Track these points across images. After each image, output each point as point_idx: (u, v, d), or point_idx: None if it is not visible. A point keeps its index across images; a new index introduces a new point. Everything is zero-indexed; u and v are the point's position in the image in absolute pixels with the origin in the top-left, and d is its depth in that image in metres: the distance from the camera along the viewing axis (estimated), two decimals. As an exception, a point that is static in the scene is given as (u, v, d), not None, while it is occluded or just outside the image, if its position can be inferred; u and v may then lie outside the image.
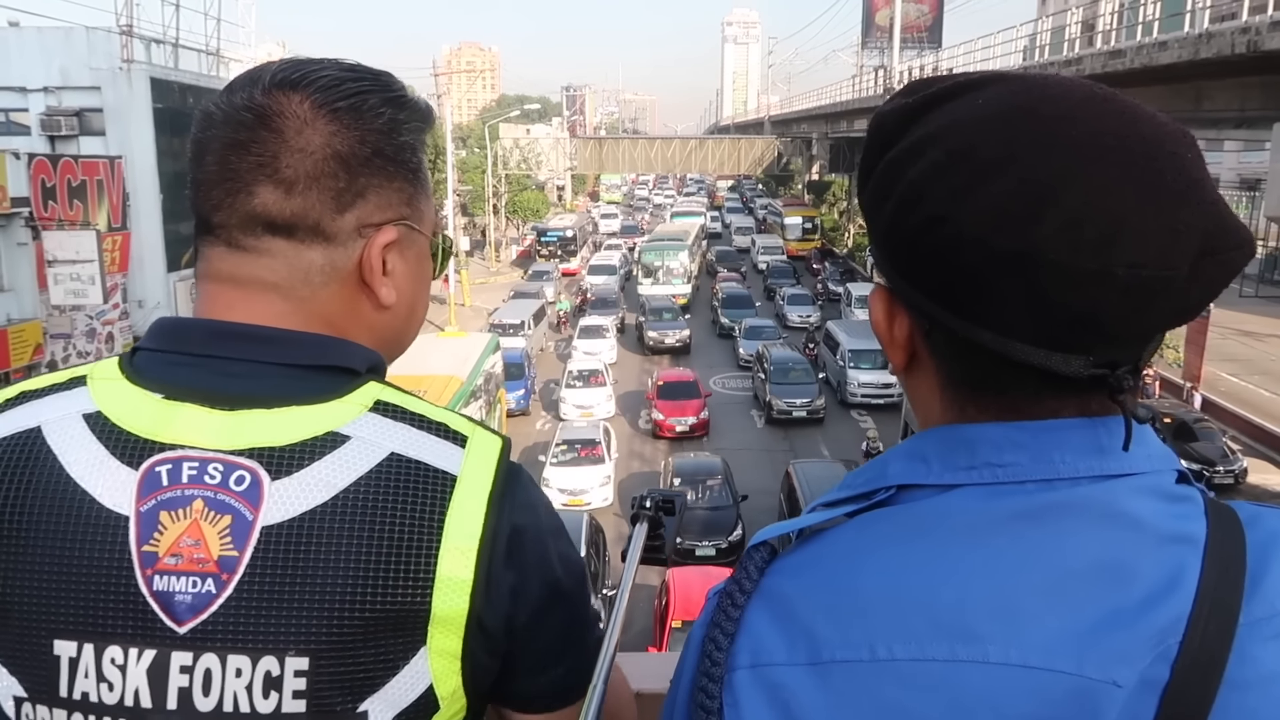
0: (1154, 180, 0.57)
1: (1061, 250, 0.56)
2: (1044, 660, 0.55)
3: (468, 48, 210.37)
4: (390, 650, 0.73)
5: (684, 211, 62.15)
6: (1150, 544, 0.59)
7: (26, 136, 19.27)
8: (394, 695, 0.73)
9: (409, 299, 0.87)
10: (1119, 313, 0.58)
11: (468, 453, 0.77)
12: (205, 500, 0.72)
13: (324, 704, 0.72)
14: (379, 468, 0.74)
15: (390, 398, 0.79)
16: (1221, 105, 18.25)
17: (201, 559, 0.71)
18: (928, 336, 0.66)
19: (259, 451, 0.73)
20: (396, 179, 0.82)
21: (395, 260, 0.84)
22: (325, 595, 0.71)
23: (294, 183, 0.77)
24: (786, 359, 24.58)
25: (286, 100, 0.78)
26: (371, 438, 0.75)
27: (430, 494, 0.75)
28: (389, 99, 0.82)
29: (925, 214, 0.60)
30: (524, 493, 0.80)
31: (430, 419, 0.79)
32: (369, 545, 0.72)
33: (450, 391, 16.70)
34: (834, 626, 0.60)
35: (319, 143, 0.78)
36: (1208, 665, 0.54)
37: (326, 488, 0.73)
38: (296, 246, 0.79)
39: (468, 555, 0.74)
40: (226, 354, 0.77)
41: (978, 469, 0.63)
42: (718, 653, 0.62)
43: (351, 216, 0.80)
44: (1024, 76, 0.64)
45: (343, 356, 0.80)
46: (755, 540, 0.68)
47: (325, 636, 0.71)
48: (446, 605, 0.74)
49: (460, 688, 0.76)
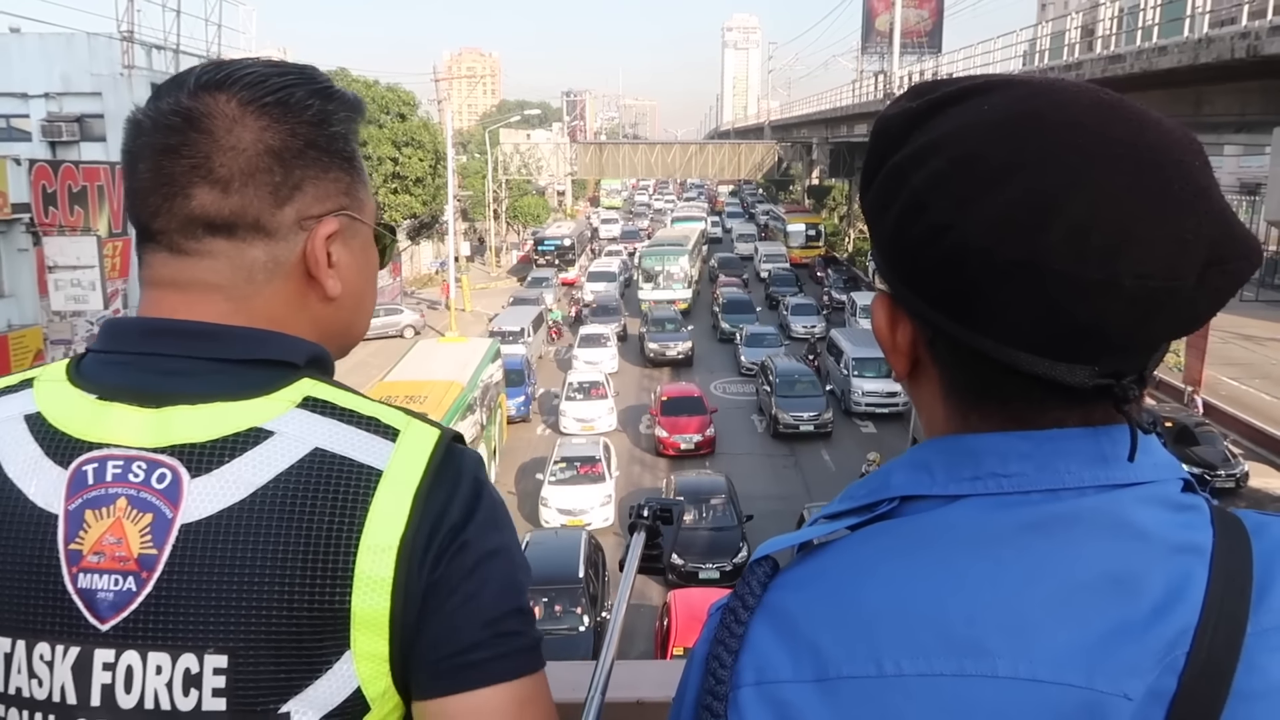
0: (1161, 189, 0.56)
1: (1068, 260, 0.55)
2: (1053, 674, 0.55)
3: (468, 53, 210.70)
4: (312, 652, 0.72)
5: (685, 216, 62.10)
6: (1157, 554, 0.58)
7: (27, 142, 19.28)
8: (318, 697, 0.72)
9: (356, 290, 0.87)
10: (1125, 323, 0.57)
11: (398, 447, 0.76)
12: (128, 498, 0.72)
13: (244, 703, 0.71)
14: (300, 464, 0.73)
15: (322, 393, 0.78)
16: (1221, 110, 18.27)
17: (123, 557, 0.72)
18: (930, 344, 0.65)
19: (180, 449, 0.73)
20: (332, 169, 0.83)
21: (340, 251, 0.84)
22: (242, 593, 0.71)
23: (229, 181, 0.78)
24: (792, 371, 23.96)
25: (214, 101, 0.78)
26: (296, 433, 0.75)
27: (352, 490, 0.73)
28: (316, 91, 0.82)
29: (929, 222, 0.60)
30: (459, 486, 0.77)
31: (361, 414, 0.77)
32: (286, 543, 0.71)
33: (450, 398, 16.69)
34: (840, 642, 0.59)
35: (250, 139, 0.78)
36: (1215, 676, 0.54)
37: (244, 485, 0.72)
38: (238, 245, 0.79)
39: (387, 553, 0.72)
40: (161, 351, 0.78)
41: (982, 479, 0.62)
42: (722, 670, 0.62)
43: (291, 210, 0.80)
44: (1030, 81, 0.63)
45: (280, 350, 0.79)
46: (757, 554, 0.67)
47: (243, 635, 0.71)
48: (367, 605, 0.72)
49: (391, 687, 0.75)
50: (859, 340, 24.82)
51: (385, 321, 33.21)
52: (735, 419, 23.68)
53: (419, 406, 15.65)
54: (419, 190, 36.46)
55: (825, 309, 35.28)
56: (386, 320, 33.28)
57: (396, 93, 36.54)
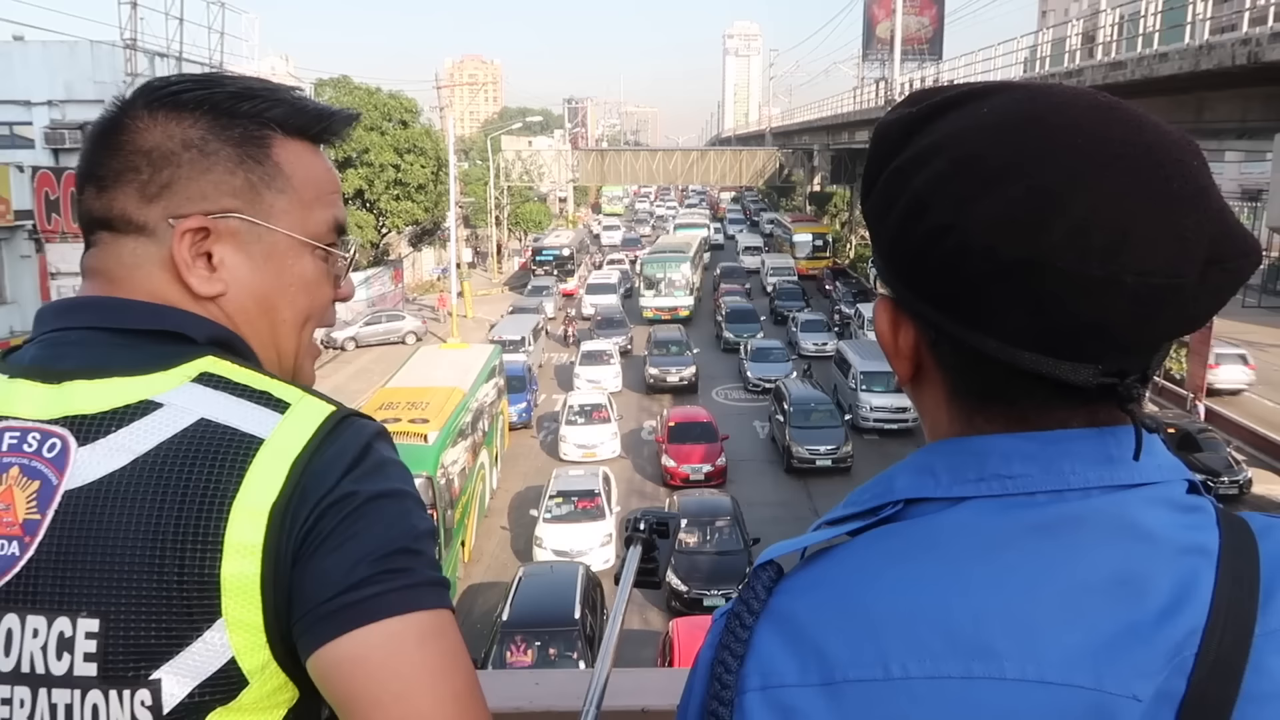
0: (1161, 188, 0.56)
1: (1070, 258, 0.56)
2: (1062, 675, 0.55)
3: (470, 60, 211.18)
4: (182, 618, 0.71)
5: (687, 223, 62.01)
6: (1164, 556, 0.58)
7: (30, 150, 19.34)
8: (189, 665, 0.72)
9: (254, 294, 0.86)
10: (1128, 321, 0.57)
11: (285, 418, 0.76)
12: (20, 467, 0.75)
13: (114, 668, 0.72)
14: (184, 433, 0.74)
15: (219, 369, 0.79)
16: (1223, 116, 18.28)
17: (9, 523, 0.74)
18: (933, 346, 0.65)
19: (71, 419, 0.76)
20: (214, 170, 0.83)
21: (227, 253, 0.84)
22: (116, 558, 0.72)
23: (105, 179, 0.83)
24: (808, 398, 21.59)
25: (121, 109, 0.85)
26: (184, 404, 0.76)
27: (230, 457, 0.74)
28: (206, 96, 0.84)
29: (931, 223, 0.60)
30: (345, 451, 0.75)
31: (254, 388, 0.78)
32: (159, 509, 0.72)
33: (452, 404, 16.68)
34: (846, 645, 0.59)
35: (121, 139, 0.83)
36: (1225, 678, 0.54)
37: (126, 453, 0.74)
38: (117, 237, 0.84)
39: (258, 518, 0.72)
40: (66, 325, 0.82)
41: (987, 481, 0.62)
42: (727, 675, 0.61)
43: (159, 207, 0.82)
44: (1028, 85, 0.63)
45: (178, 323, 0.81)
46: (761, 559, 0.67)
47: (115, 599, 0.71)
48: (236, 571, 0.72)
49: (273, 661, 0.73)
50: (867, 353, 23.61)
51: (387, 328, 33.26)
52: (737, 425, 23.56)
53: (420, 412, 15.69)
54: (421, 197, 36.53)
55: (836, 325, 33.04)
56: (389, 326, 33.32)
57: (399, 100, 36.63)
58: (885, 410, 22.29)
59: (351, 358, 31.16)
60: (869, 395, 22.60)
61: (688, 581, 14.56)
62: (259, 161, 0.85)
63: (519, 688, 1.65)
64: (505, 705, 1.55)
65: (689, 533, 15.37)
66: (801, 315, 33.29)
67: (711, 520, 15.78)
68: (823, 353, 29.28)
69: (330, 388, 26.64)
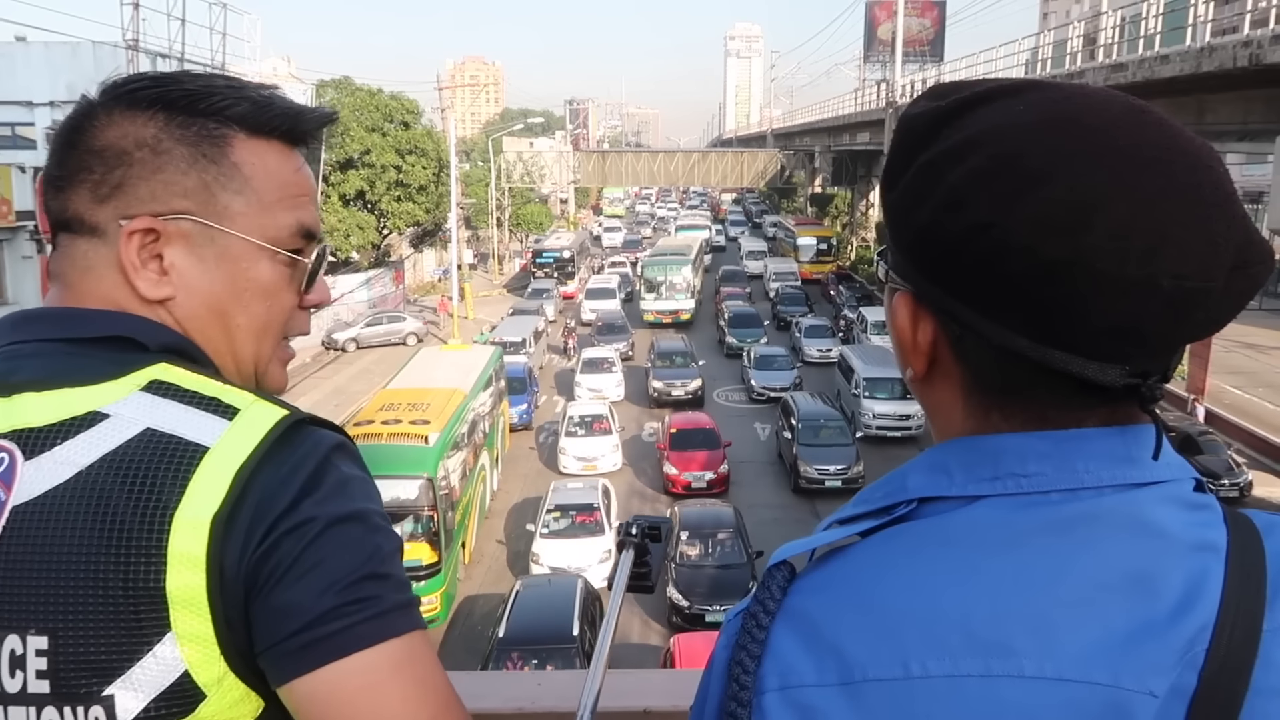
0: (1194, 193, 0.57)
1: (1109, 260, 0.56)
2: (1080, 672, 0.55)
3: (471, 62, 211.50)
4: (130, 632, 0.70)
5: (689, 225, 61.98)
6: (1176, 553, 0.58)
7: (32, 150, 19.37)
8: (144, 680, 0.71)
9: (205, 299, 0.83)
10: (1159, 323, 0.58)
11: (232, 425, 0.74)
12: None
13: (67, 685, 0.70)
14: (128, 444, 0.73)
15: (169, 377, 0.77)
16: (1224, 118, 18.31)
17: None
18: (957, 343, 0.65)
19: (18, 433, 0.74)
20: (164, 171, 0.81)
21: (178, 256, 0.82)
22: (61, 574, 0.70)
23: (60, 180, 0.82)
24: (817, 414, 20.37)
25: (79, 110, 0.83)
26: (130, 415, 0.74)
27: (172, 467, 0.72)
28: (162, 94, 0.82)
29: (969, 220, 0.59)
30: (299, 465, 0.74)
31: (203, 395, 0.76)
32: (104, 522, 0.71)
33: (453, 405, 16.70)
34: (864, 645, 0.59)
35: (79, 139, 0.82)
36: (1234, 672, 0.55)
37: (70, 466, 0.72)
38: (74, 239, 0.83)
39: (199, 529, 0.70)
40: (21, 338, 0.80)
41: (1001, 479, 0.62)
42: (745, 676, 0.61)
43: (110, 208, 0.81)
44: (1060, 85, 0.63)
45: (129, 328, 0.79)
46: (774, 559, 0.66)
47: (62, 616, 0.70)
48: (181, 583, 0.70)
49: (230, 673, 0.72)
50: (871, 358, 23.07)
51: (389, 329, 33.32)
52: (739, 429, 23.56)
53: (421, 414, 15.70)
54: (422, 198, 36.60)
55: (840, 330, 32.17)
56: (390, 328, 33.38)
57: (400, 101, 36.72)
58: (889, 418, 21.71)
59: (353, 359, 31.23)
60: (872, 402, 21.99)
61: (689, 596, 14.04)
62: (214, 161, 0.82)
63: (521, 689, 1.65)
64: (507, 707, 1.55)
65: (690, 545, 15.01)
66: (805, 320, 32.65)
67: (713, 533, 15.28)
68: (826, 358, 28.55)
69: (331, 389, 26.80)
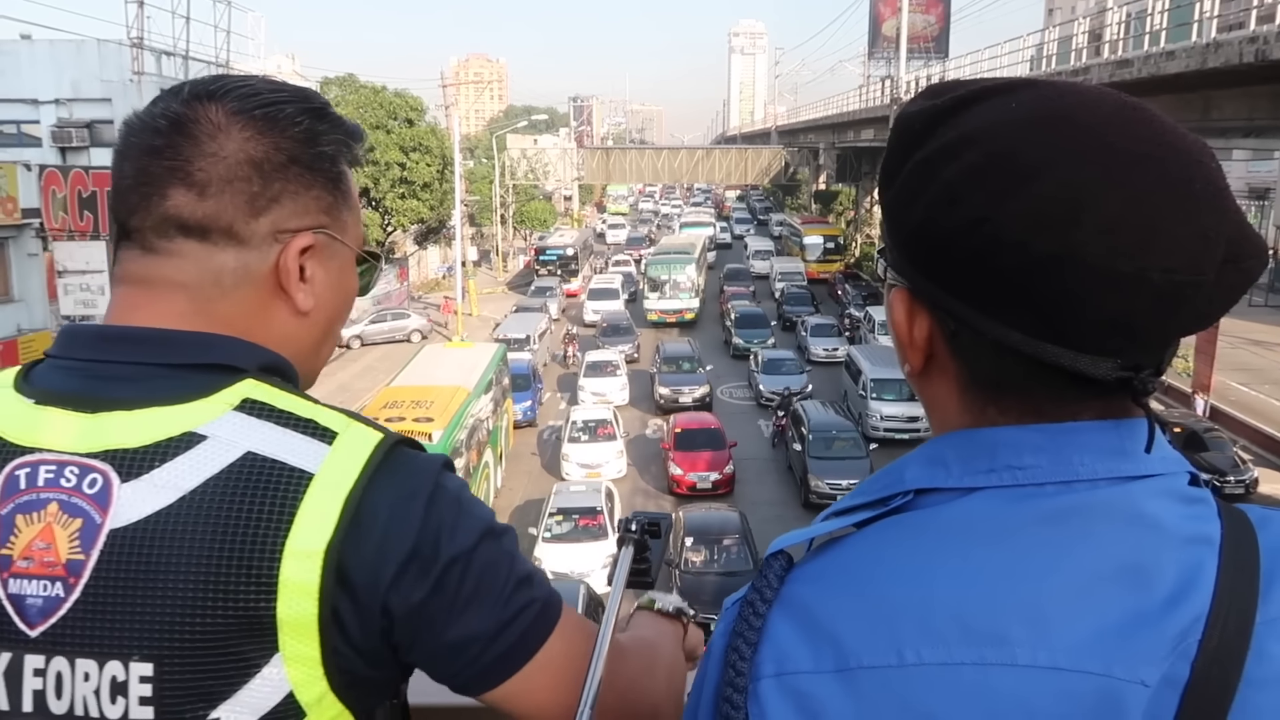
0: (1185, 188, 0.58)
1: (1100, 254, 0.57)
2: (1072, 662, 0.56)
3: (475, 59, 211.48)
4: (240, 656, 0.71)
5: (693, 222, 61.66)
6: (1170, 545, 0.59)
7: (38, 148, 19.42)
8: (250, 702, 0.72)
9: (328, 309, 0.88)
10: (1150, 316, 0.59)
11: (333, 450, 0.75)
12: (60, 503, 0.72)
13: (172, 710, 0.71)
14: (231, 468, 0.72)
15: (261, 395, 0.77)
16: (1230, 115, 18.24)
17: (51, 562, 0.71)
18: (952, 338, 0.66)
19: (112, 454, 0.73)
20: (314, 187, 0.84)
21: (315, 268, 0.84)
22: (168, 601, 0.70)
23: (206, 185, 0.79)
24: (829, 425, 19.58)
25: (203, 108, 0.80)
26: (229, 437, 0.74)
27: (280, 494, 0.72)
28: (307, 110, 0.84)
29: (963, 216, 0.60)
30: (401, 483, 0.75)
31: (299, 416, 0.76)
32: (212, 549, 0.71)
33: (456, 403, 16.71)
34: (859, 633, 0.60)
35: (232, 148, 0.79)
36: (1227, 663, 0.55)
37: (173, 490, 0.72)
38: (209, 249, 0.80)
39: (313, 559, 0.71)
40: (110, 358, 0.78)
41: (997, 471, 0.63)
42: (741, 662, 0.62)
43: (266, 221, 0.81)
44: (1053, 83, 0.64)
45: (227, 354, 0.78)
46: (772, 548, 0.68)
47: (169, 643, 0.70)
48: (293, 610, 0.71)
49: (330, 692, 0.74)
50: (879, 359, 22.45)
51: (393, 326, 33.32)
52: (742, 425, 23.53)
53: (425, 411, 15.72)
54: (426, 195, 36.57)
55: (847, 330, 31.41)
56: (394, 325, 33.38)
57: (404, 98, 36.68)
58: (897, 420, 21.22)
59: (357, 355, 31.24)
60: (879, 404, 21.52)
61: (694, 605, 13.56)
62: (340, 179, 0.87)
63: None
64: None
65: (695, 551, 14.72)
66: (811, 320, 31.97)
67: (719, 538, 14.95)
68: (833, 358, 28.03)
69: (335, 385, 26.83)
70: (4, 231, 15.43)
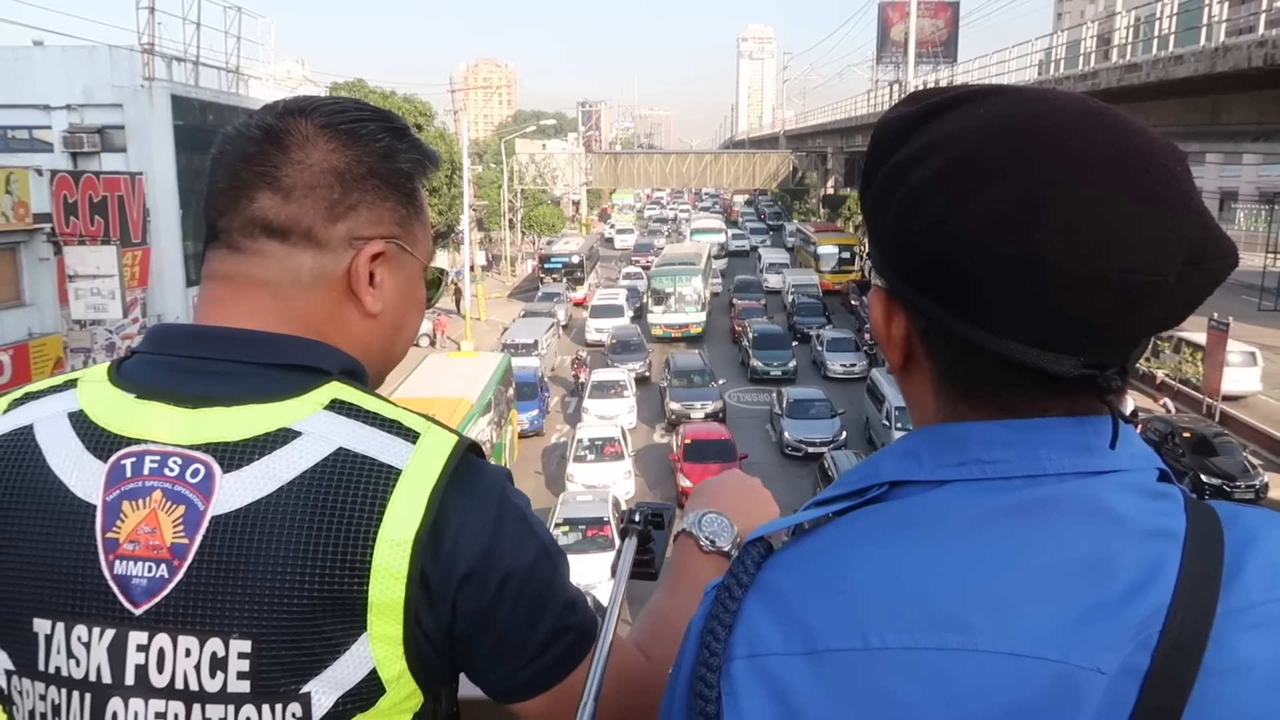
0: (1145, 191, 0.59)
1: (1058, 254, 0.58)
2: (1031, 648, 0.57)
3: (485, 64, 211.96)
4: (331, 635, 0.77)
5: (703, 228, 61.09)
6: (1132, 538, 0.60)
7: (49, 153, 19.51)
8: (337, 677, 0.77)
9: (397, 315, 0.93)
10: (1110, 315, 0.60)
11: (417, 449, 0.81)
12: (164, 491, 0.78)
13: (267, 684, 0.76)
14: (325, 461, 0.78)
15: (348, 396, 0.83)
16: (1239, 118, 18.16)
17: (156, 545, 0.77)
18: (925, 336, 0.68)
19: (214, 446, 0.79)
20: (389, 199, 0.90)
21: (385, 274, 0.90)
22: (267, 582, 0.76)
23: (291, 190, 0.85)
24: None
25: (294, 121, 0.87)
26: (322, 433, 0.80)
27: (372, 487, 0.78)
28: (389, 128, 0.90)
29: (927, 219, 0.63)
30: (475, 488, 0.82)
31: (384, 416, 0.82)
32: (310, 534, 0.76)
33: (459, 416, 16.44)
34: (827, 617, 0.62)
35: (317, 158, 0.86)
36: (1186, 653, 0.56)
37: (273, 480, 0.77)
38: (289, 249, 0.86)
39: (403, 547, 0.77)
40: (203, 354, 0.84)
41: (967, 465, 0.65)
42: (716, 644, 0.64)
43: (343, 226, 0.87)
44: (1023, 90, 0.66)
45: (315, 357, 0.85)
46: (751, 537, 0.70)
47: (267, 621, 0.76)
48: (383, 594, 0.77)
49: (406, 671, 0.80)
50: None
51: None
52: (747, 429, 23.47)
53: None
54: (435, 200, 36.52)
55: (866, 345, 29.02)
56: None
57: (413, 103, 36.76)
58: None
59: (365, 360, 31.07)
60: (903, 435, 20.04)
61: None
62: (414, 195, 0.93)
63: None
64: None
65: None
66: (827, 333, 30.11)
67: None
68: (850, 374, 26.63)
69: (344, 390, 26.61)
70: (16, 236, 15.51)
